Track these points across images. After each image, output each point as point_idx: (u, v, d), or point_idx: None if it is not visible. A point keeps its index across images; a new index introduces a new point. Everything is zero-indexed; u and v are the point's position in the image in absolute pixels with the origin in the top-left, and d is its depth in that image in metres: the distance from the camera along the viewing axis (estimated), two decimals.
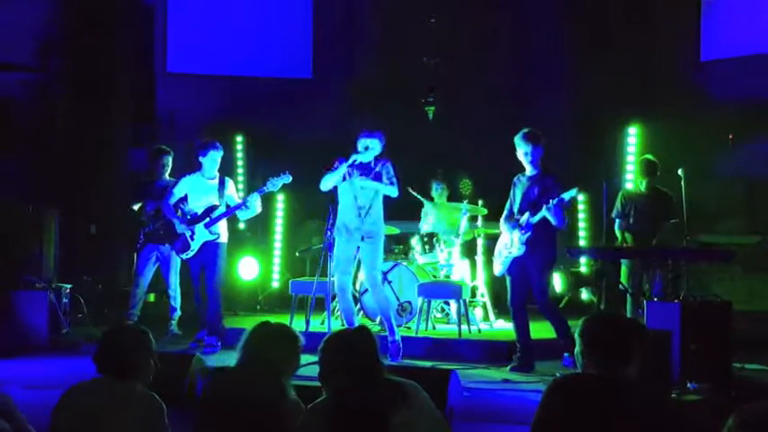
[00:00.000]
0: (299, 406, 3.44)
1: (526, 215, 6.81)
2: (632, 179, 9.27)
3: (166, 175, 8.44)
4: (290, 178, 7.61)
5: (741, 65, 9.85)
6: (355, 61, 11.49)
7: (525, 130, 6.89)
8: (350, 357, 3.28)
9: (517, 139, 6.89)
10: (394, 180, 7.13)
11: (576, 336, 3.27)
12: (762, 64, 9.70)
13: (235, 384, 3.45)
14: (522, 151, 6.88)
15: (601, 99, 10.26)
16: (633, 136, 9.66)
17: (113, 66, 10.82)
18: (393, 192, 7.15)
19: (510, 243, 6.93)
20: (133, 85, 11.14)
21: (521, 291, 6.95)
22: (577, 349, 3.24)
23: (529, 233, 6.78)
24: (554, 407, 3.11)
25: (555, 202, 6.61)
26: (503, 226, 7.07)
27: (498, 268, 7.13)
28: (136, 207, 8.41)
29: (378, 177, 7.07)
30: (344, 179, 7.11)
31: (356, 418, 3.12)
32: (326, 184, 7.11)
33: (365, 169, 7.09)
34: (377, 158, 7.13)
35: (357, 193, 7.10)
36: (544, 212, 6.67)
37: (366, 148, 7.04)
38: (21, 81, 10.48)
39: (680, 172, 7.31)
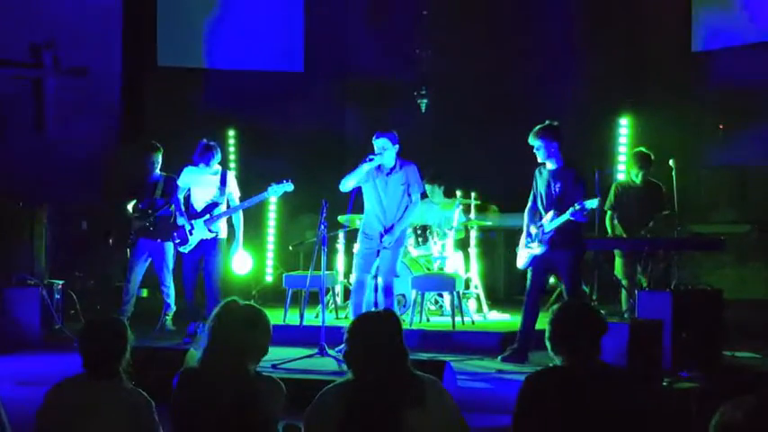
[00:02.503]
0: (273, 384, 3.40)
1: (550, 214, 6.69)
2: (624, 170, 9.30)
3: (157, 171, 8.43)
4: (292, 187, 7.57)
5: (732, 55, 9.88)
6: (347, 54, 11.48)
7: (537, 126, 6.77)
8: (373, 340, 3.21)
9: (530, 136, 6.77)
10: (420, 187, 7.24)
11: (547, 323, 3.36)
12: (753, 54, 9.73)
13: (202, 383, 3.36)
14: (534, 147, 6.77)
15: (593, 89, 10.29)
16: (625, 126, 9.69)
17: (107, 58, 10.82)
18: (417, 205, 7.29)
19: (532, 239, 6.84)
20: (124, 78, 11.11)
21: (539, 287, 6.93)
22: (547, 335, 3.33)
23: (552, 234, 6.70)
24: (531, 404, 3.17)
25: (577, 209, 6.49)
26: (526, 219, 6.96)
27: (521, 261, 7.02)
28: (130, 206, 8.37)
29: (406, 187, 7.12)
30: (370, 180, 7.14)
31: (371, 409, 3.08)
32: (346, 184, 7.12)
33: (389, 171, 7.12)
34: (401, 161, 7.16)
35: (383, 199, 7.14)
36: (566, 217, 6.58)
37: (383, 149, 7.05)
38: (16, 76, 10.47)
39: (671, 162, 7.33)
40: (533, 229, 6.84)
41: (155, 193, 8.32)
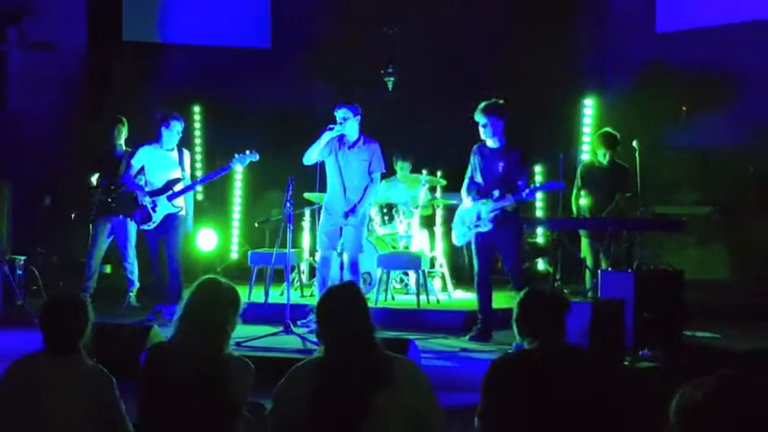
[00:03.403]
0: (244, 364, 3.41)
1: (496, 193, 6.72)
2: (589, 150, 9.36)
3: (122, 145, 8.34)
4: (257, 156, 7.55)
5: (696, 37, 9.95)
6: (314, 31, 11.40)
7: (484, 103, 6.78)
8: (338, 313, 3.20)
9: (476, 112, 6.80)
10: (382, 167, 7.20)
11: (514, 306, 3.39)
12: (716, 36, 9.80)
13: (173, 360, 3.36)
14: (480, 124, 6.79)
15: (557, 71, 10.31)
16: (589, 108, 9.75)
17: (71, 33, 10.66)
18: (378, 184, 7.26)
19: (476, 217, 6.85)
20: (89, 54, 10.96)
21: (487, 262, 6.95)
22: (514, 317, 3.36)
23: (498, 213, 6.74)
24: (497, 388, 3.19)
25: (534, 188, 6.56)
26: (465, 197, 6.96)
27: (460, 239, 7.09)
28: (93, 179, 8.31)
29: (368, 163, 7.11)
30: (332, 154, 7.09)
31: (339, 387, 3.07)
32: (309, 156, 7.09)
33: (351, 145, 7.10)
34: (365, 138, 7.14)
35: (343, 174, 7.11)
36: (520, 197, 6.62)
37: (344, 119, 7.02)
38: None
39: (634, 144, 7.39)
40: (480, 209, 6.84)
41: (118, 169, 8.24)
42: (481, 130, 6.81)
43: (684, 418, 2.02)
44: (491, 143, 6.84)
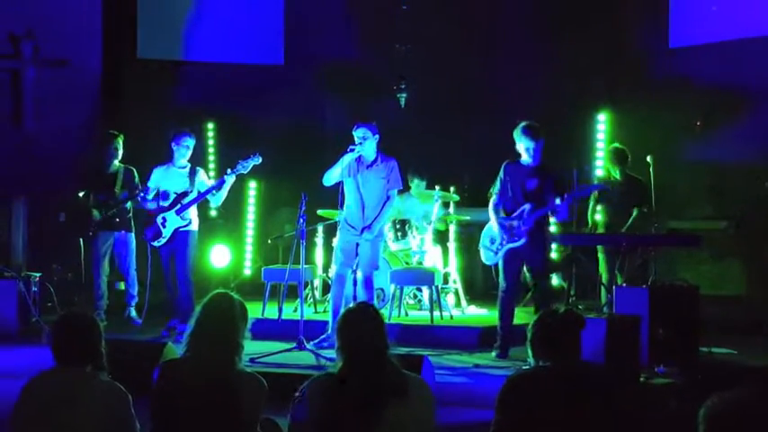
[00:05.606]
0: (256, 380, 3.42)
1: (527, 207, 6.76)
2: (602, 166, 9.34)
3: (117, 161, 8.37)
4: (260, 159, 7.60)
5: (710, 52, 9.93)
6: (327, 48, 11.44)
7: (525, 124, 6.82)
8: (354, 332, 3.27)
9: (517, 133, 6.82)
10: (399, 183, 7.23)
11: (528, 328, 3.37)
12: (730, 51, 9.77)
13: (186, 376, 3.37)
14: (524, 146, 6.80)
15: (570, 86, 10.31)
16: (602, 123, 9.73)
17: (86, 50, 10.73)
18: (394, 200, 7.28)
19: (509, 234, 6.85)
20: (104, 70, 11.02)
21: (517, 279, 6.98)
22: (529, 339, 3.34)
23: (531, 226, 6.76)
24: (512, 404, 3.18)
25: (569, 195, 6.64)
26: (495, 214, 6.97)
27: (491, 256, 7.06)
28: (81, 194, 8.33)
29: (386, 181, 7.13)
30: (351, 174, 7.11)
31: (353, 402, 3.11)
32: (328, 178, 7.10)
33: (370, 164, 7.11)
34: (382, 156, 7.15)
35: (363, 193, 7.12)
36: (554, 206, 6.68)
37: (363, 139, 7.02)
38: None
39: (648, 159, 7.37)
40: (510, 225, 6.84)
41: (115, 185, 8.28)
42: (526, 150, 6.82)
43: (713, 424, 2.01)
44: (528, 161, 6.86)
